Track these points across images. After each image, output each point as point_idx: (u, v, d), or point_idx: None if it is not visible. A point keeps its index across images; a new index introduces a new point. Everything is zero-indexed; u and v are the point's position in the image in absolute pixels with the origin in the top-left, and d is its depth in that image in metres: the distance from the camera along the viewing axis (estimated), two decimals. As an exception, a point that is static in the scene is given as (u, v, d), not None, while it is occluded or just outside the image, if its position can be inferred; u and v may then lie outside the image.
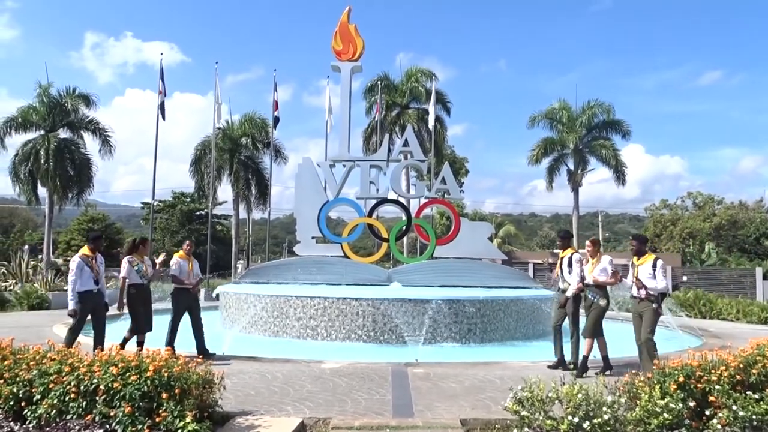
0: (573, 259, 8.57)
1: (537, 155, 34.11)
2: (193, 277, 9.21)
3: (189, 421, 5.04)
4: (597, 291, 8.30)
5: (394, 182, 15.11)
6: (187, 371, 5.36)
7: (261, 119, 34.62)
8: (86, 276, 8.04)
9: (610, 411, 4.95)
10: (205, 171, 33.67)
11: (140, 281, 8.53)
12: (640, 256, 7.89)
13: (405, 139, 15.37)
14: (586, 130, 33.36)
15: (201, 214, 47.40)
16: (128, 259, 8.53)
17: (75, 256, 8.22)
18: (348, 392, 6.86)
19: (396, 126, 33.79)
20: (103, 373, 5.25)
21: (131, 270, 8.50)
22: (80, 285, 8.01)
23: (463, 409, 6.09)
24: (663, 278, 7.66)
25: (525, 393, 5.21)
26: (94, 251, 8.22)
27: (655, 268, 7.67)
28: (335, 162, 15.12)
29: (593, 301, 8.29)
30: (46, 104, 29.33)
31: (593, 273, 8.33)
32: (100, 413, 5.12)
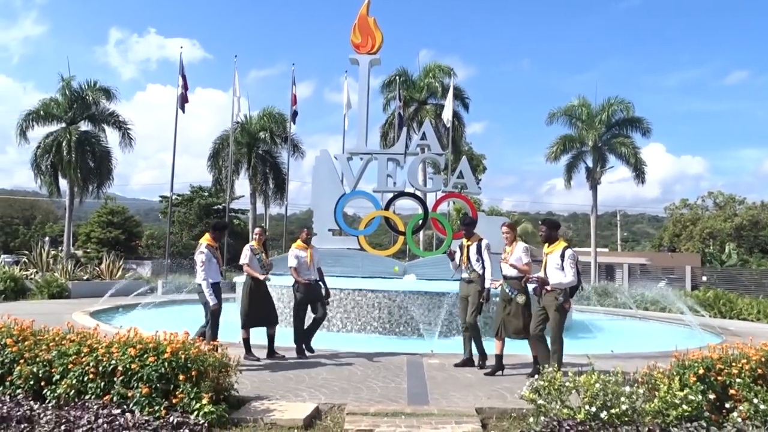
0: (482, 245, 7.75)
1: (555, 152, 33.83)
2: (314, 270, 8.40)
3: (205, 402, 5.09)
4: (515, 284, 7.36)
5: (411, 176, 15.07)
6: (204, 354, 5.41)
7: (279, 114, 34.72)
8: (214, 267, 7.56)
9: (628, 401, 4.90)
10: (223, 165, 33.87)
11: (261, 271, 8.06)
12: (551, 244, 7.05)
13: (423, 133, 15.31)
14: (605, 127, 33.01)
15: (218, 208, 47.61)
16: (250, 247, 8.11)
17: (201, 246, 7.60)
18: (363, 380, 6.87)
19: (413, 122, 33.73)
20: (122, 355, 5.31)
21: (253, 258, 8.03)
22: (210, 277, 7.51)
23: (478, 399, 6.07)
24: (572, 270, 6.82)
25: (542, 382, 5.18)
26: (217, 241, 7.72)
27: (563, 259, 6.83)
28: (353, 155, 15.12)
29: (511, 296, 7.33)
30: (68, 97, 29.67)
31: (509, 262, 7.40)
32: (118, 394, 5.18)
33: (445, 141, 30.21)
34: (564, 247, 6.94)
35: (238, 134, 33.48)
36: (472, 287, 7.75)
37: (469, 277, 7.82)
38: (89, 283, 19.54)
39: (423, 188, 16.99)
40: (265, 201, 36.76)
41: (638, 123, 32.98)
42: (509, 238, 7.53)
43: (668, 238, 56.61)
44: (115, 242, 46.20)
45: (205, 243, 7.62)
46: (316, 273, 8.41)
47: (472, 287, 7.74)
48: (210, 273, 7.48)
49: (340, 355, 8.37)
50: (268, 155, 35.72)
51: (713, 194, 57.15)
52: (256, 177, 35.00)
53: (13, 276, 18.25)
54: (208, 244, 7.59)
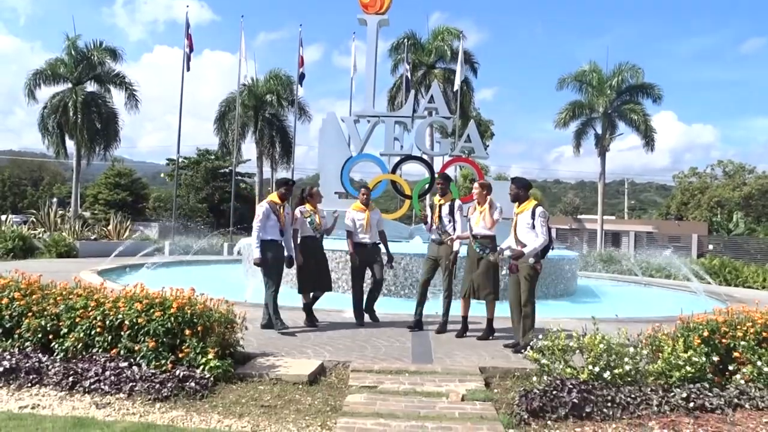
0: (455, 206, 7.50)
1: (564, 118, 33.53)
2: (373, 232, 8.00)
3: (211, 357, 5.14)
4: (486, 243, 7.18)
5: (419, 139, 14.95)
6: (210, 310, 5.44)
7: (286, 76, 34.45)
8: (272, 224, 7.32)
9: (631, 362, 4.92)
10: (230, 128, 33.76)
11: (311, 233, 7.72)
12: (520, 203, 6.78)
13: (430, 96, 15.13)
14: (616, 93, 32.62)
15: (225, 172, 47.67)
16: (300, 209, 7.73)
17: (263, 201, 7.52)
18: (368, 339, 6.92)
19: (421, 86, 33.37)
20: (128, 309, 5.35)
21: (303, 221, 7.72)
22: (264, 233, 7.28)
23: (482, 358, 6.10)
24: (543, 231, 6.59)
25: (546, 342, 5.19)
26: (283, 199, 7.46)
27: (534, 217, 6.60)
28: (360, 117, 14.98)
29: (482, 255, 7.15)
30: (74, 57, 29.48)
31: (479, 223, 7.20)
32: (125, 347, 5.23)
33: (454, 106, 29.93)
34: (534, 205, 6.69)
35: (244, 97, 33.27)
36: (442, 249, 7.50)
37: (439, 238, 7.55)
38: (96, 243, 19.69)
39: (430, 152, 16.86)
40: (272, 165, 36.71)
41: (649, 89, 32.57)
42: (480, 197, 7.25)
43: (676, 207, 56.41)
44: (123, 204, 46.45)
45: (269, 199, 7.46)
46: (375, 236, 8.02)
47: (443, 249, 7.49)
48: (266, 229, 7.28)
49: (346, 315, 8.42)
50: (275, 118, 35.55)
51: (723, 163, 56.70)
52: (262, 140, 34.92)
53: (21, 235, 18.42)
54: (271, 201, 7.40)
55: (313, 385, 5.23)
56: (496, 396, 5.03)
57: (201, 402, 4.73)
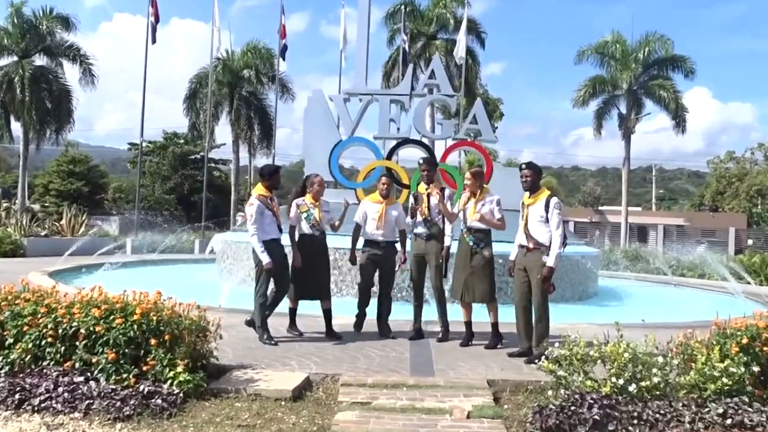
0: (445, 194, 7.50)
1: (584, 96, 33.59)
2: (388, 229, 7.78)
3: (180, 370, 5.12)
4: (480, 237, 7.17)
5: (418, 120, 14.94)
6: (179, 316, 5.43)
7: (266, 49, 34.38)
8: (268, 221, 7.19)
9: (660, 374, 4.93)
10: (201, 108, 33.73)
11: (309, 231, 7.56)
12: (532, 193, 6.74)
13: (431, 71, 15.11)
14: (642, 67, 32.71)
15: (196, 158, 47.52)
16: (296, 203, 7.60)
17: (251, 198, 7.34)
18: (360, 348, 6.93)
19: (421, 59, 33.38)
20: (84, 316, 5.33)
21: (299, 217, 7.58)
22: (262, 233, 7.12)
23: (490, 369, 6.12)
24: (558, 224, 6.57)
25: (563, 351, 5.20)
26: (271, 189, 7.37)
27: (548, 209, 6.56)
28: (350, 95, 14.95)
29: (476, 250, 7.14)
30: (19, 26, 29.30)
31: (477, 212, 7.12)
32: (81, 360, 5.21)
33: (457, 82, 29.94)
34: (548, 195, 6.67)
35: (218, 72, 33.18)
36: (431, 245, 7.50)
37: (428, 232, 7.52)
38: (47, 240, 19.64)
39: (431, 135, 16.87)
40: (250, 150, 36.72)
41: (680, 62, 32.64)
42: (472, 186, 7.19)
43: (710, 196, 56.62)
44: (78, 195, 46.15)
45: (256, 194, 7.31)
46: (391, 233, 7.84)
47: (432, 245, 7.50)
48: (263, 228, 7.16)
49: (339, 321, 8.39)
50: (254, 97, 35.50)
51: (764, 146, 56.85)
52: (239, 122, 34.86)
53: (-42, 232, 18.32)
54: (260, 195, 7.26)
55: (297, 402, 5.22)
56: (507, 412, 5.04)
57: (169, 422, 4.72)
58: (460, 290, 7.28)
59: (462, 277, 7.23)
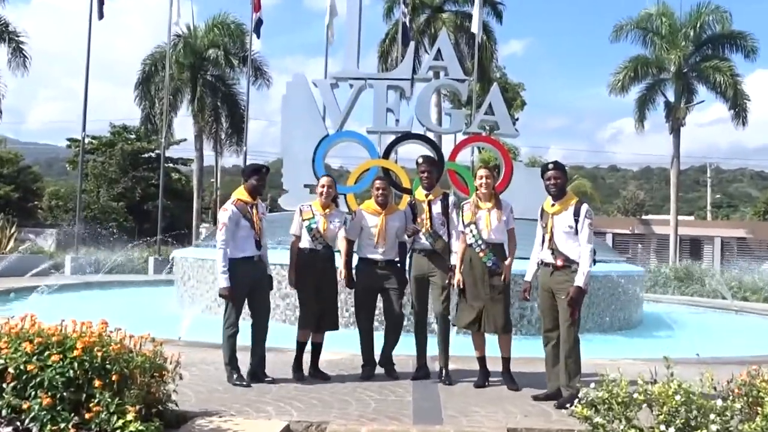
0: (450, 201, 7.55)
1: (623, 81, 33.71)
2: (389, 245, 7.64)
3: (130, 418, 5.07)
4: (500, 253, 7.19)
5: (421, 111, 14.97)
6: (129, 352, 5.40)
7: (237, 24, 34.45)
8: (243, 234, 7.07)
9: (719, 420, 4.91)
10: (157, 96, 33.69)
11: (309, 245, 7.44)
12: (558, 199, 6.71)
13: (437, 51, 15.17)
14: (693, 46, 32.87)
15: (150, 157, 47.56)
16: (300, 208, 7.56)
17: (227, 203, 7.30)
18: (352, 391, 6.91)
19: (424, 36, 33.52)
20: (13, 352, 5.29)
21: (300, 226, 7.50)
22: (233, 248, 7.06)
23: (511, 416, 6.10)
24: (590, 237, 6.56)
25: (600, 393, 5.18)
26: (255, 195, 7.25)
27: (578, 219, 6.53)
28: (339, 80, 15.00)
29: (496, 270, 7.14)
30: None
31: (493, 225, 7.11)
32: (8, 406, 5.16)
33: (469, 64, 30.07)
34: (577, 201, 6.68)
35: (178, 52, 33.25)
36: (436, 263, 7.49)
37: (431, 248, 7.49)
38: (-33, 259, 19.56)
39: (437, 128, 16.93)
40: (216, 147, 36.70)
41: (739, 40, 32.80)
42: (486, 189, 7.19)
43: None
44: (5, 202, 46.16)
45: (235, 198, 7.24)
46: (392, 250, 7.71)
47: (437, 263, 7.49)
48: (235, 242, 7.06)
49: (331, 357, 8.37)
50: (221, 82, 35.57)
51: (842, 142, 57.10)
52: (203, 113, 34.90)
53: None
54: (238, 200, 7.17)
55: (274, 457, 5.20)
56: (532, 469, 5.03)
57: (117, 482, 4.69)
58: (471, 319, 7.27)
59: (477, 303, 7.23)
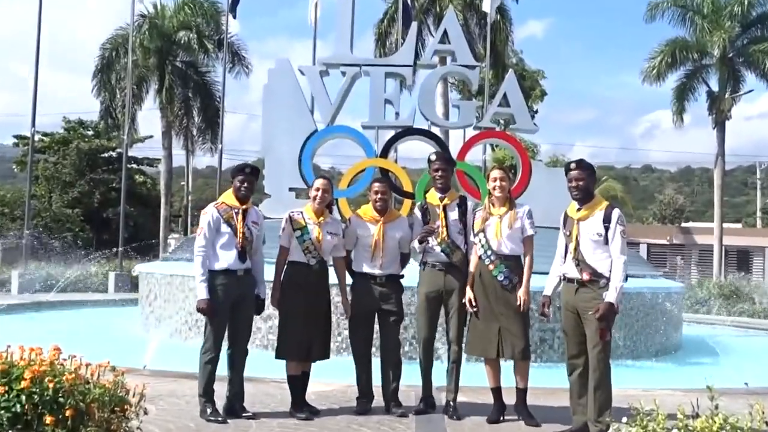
0: (468, 206, 7.56)
1: (659, 68, 33.78)
2: (389, 259, 7.59)
3: (88, 460, 5.09)
4: (514, 267, 7.18)
5: (425, 102, 14.99)
6: (86, 382, 5.39)
7: (211, 3, 34.51)
8: (225, 242, 7.08)
9: (773, 460, 4.93)
10: (119, 86, 33.71)
11: (301, 258, 7.36)
12: (584, 203, 6.68)
13: (443, 32, 15.21)
14: (740, 26, 32.97)
15: (111, 157, 47.50)
16: (290, 215, 7.46)
17: (209, 206, 7.36)
18: (345, 427, 6.91)
19: (429, 15, 33.55)
20: (-50, 382, 5.29)
21: (289, 236, 7.41)
22: (213, 258, 7.08)
23: (531, 457, 6.11)
24: (623, 247, 6.53)
25: (634, 429, 5.18)
26: (244, 199, 7.24)
27: (609, 226, 6.49)
28: (329, 67, 15.01)
29: (510, 287, 7.14)
30: None
31: (504, 233, 7.12)
32: (-55, 446, 5.18)
33: (481, 48, 30.11)
34: (607, 206, 6.66)
35: (143, 35, 33.28)
36: (454, 279, 7.44)
37: (448, 260, 7.44)
38: None
39: (444, 122, 16.95)
40: (188, 145, 36.76)
41: (795, 20, 32.85)
42: (500, 192, 7.20)
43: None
44: (-59, 211, 46.14)
45: (220, 201, 7.30)
46: (392, 264, 7.66)
47: (455, 279, 7.44)
48: (214, 250, 7.09)
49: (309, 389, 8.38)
50: (193, 70, 35.62)
51: None
52: (172, 105, 34.94)
53: None
54: (222, 204, 7.21)
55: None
56: None
57: None
58: (486, 343, 7.25)
59: (492, 325, 7.21)
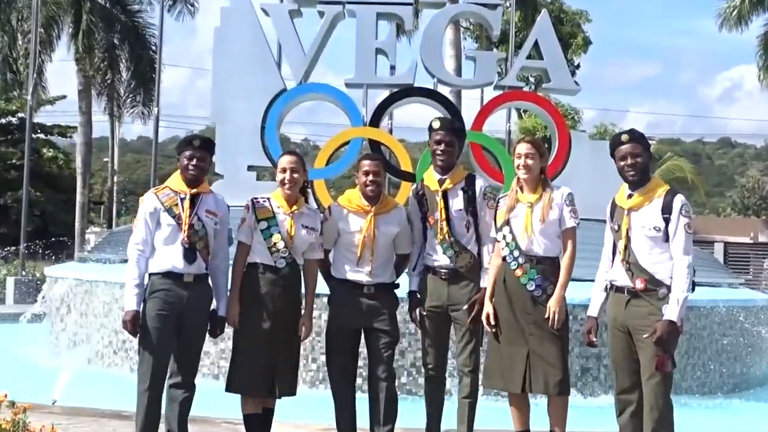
0: (477, 189, 7.47)
1: (740, 9, 33.89)
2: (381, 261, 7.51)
3: None
4: (549, 273, 7.08)
5: (430, 53, 15.04)
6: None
7: None
8: (166, 237, 7.03)
9: None
10: (20, 29, 33.67)
11: (267, 260, 7.26)
12: (638, 187, 6.67)
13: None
14: None
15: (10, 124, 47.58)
16: (253, 201, 7.39)
17: (148, 192, 7.36)
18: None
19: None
20: None
21: (251, 229, 7.34)
22: (152, 257, 7.05)
23: None
24: (688, 246, 6.52)
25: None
26: (194, 181, 7.18)
27: (669, 218, 6.47)
28: (302, 4, 15.04)
29: (542, 298, 7.04)
30: None
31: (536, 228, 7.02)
32: None
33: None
34: (668, 191, 6.64)
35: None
36: (461, 290, 7.43)
37: (453, 265, 7.41)
38: None
39: (455, 80, 17.03)
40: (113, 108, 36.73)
41: None
42: (530, 171, 7.07)
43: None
44: None
45: (164, 185, 7.29)
46: (384, 269, 7.59)
47: (462, 290, 7.43)
48: (152, 249, 7.08)
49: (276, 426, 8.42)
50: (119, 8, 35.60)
51: None
52: (91, 56, 34.85)
53: None
54: (165, 188, 7.20)
55: None
56: None
57: None
58: (510, 373, 7.21)
59: (518, 350, 7.16)
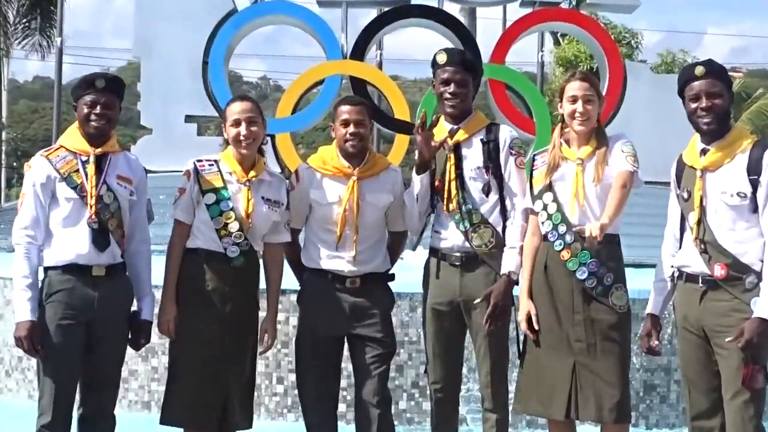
0: (501, 141, 7.66)
1: None
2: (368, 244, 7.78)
3: None
4: (606, 256, 7.17)
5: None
6: None
7: None
8: (66, 217, 7.14)
9: None
10: None
11: (216, 247, 7.47)
12: (715, 139, 6.83)
13: None
14: None
15: None
16: (195, 165, 7.60)
17: (36, 155, 7.42)
18: None
19: None
20: None
21: (189, 204, 7.55)
22: (48, 245, 7.17)
23: None
24: None
25: None
26: (98, 137, 7.25)
27: (758, 179, 6.59)
28: None
29: (598, 292, 7.12)
30: None
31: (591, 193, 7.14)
32: None
33: None
34: (755, 143, 6.77)
35: None
36: (477, 279, 7.56)
37: (468, 244, 7.58)
38: None
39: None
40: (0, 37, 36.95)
41: None
42: (584, 117, 7.13)
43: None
44: None
45: (57, 144, 7.44)
46: (372, 253, 7.85)
47: (478, 279, 7.56)
48: (47, 234, 7.15)
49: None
50: None
51: None
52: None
53: None
54: (60, 146, 7.31)
55: None
56: None
57: None
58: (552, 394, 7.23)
59: (562, 361, 7.17)
